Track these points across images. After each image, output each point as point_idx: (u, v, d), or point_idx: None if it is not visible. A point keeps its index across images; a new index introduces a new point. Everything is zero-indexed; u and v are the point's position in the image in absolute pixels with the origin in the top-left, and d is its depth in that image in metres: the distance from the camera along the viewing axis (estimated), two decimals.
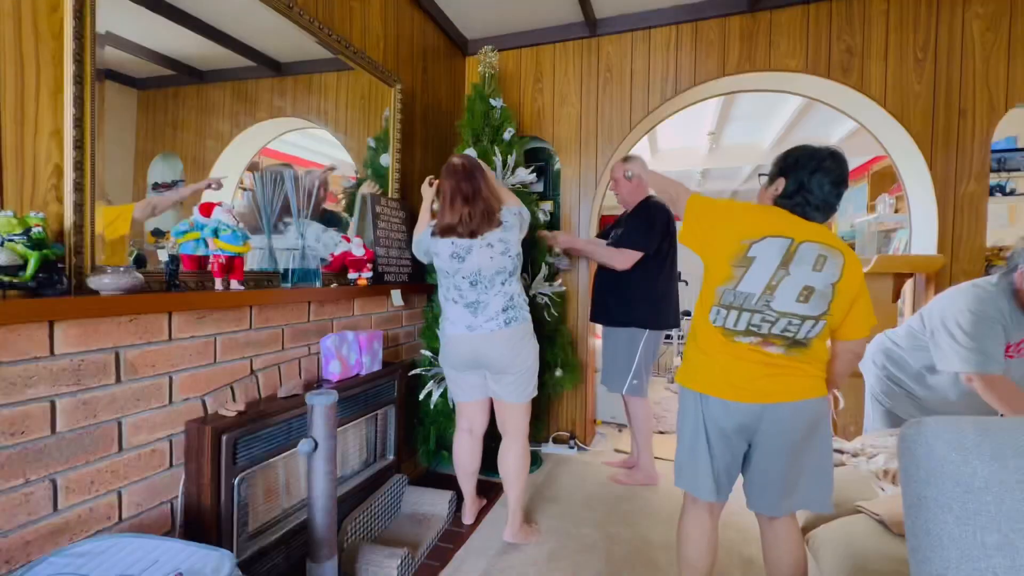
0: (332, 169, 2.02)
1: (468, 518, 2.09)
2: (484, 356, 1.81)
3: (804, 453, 1.27)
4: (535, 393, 1.92)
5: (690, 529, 1.41)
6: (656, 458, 2.72)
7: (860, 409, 2.31)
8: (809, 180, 1.26)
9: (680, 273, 6.71)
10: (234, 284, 1.40)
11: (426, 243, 1.89)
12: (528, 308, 1.90)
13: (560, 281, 2.86)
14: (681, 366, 1.43)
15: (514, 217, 1.83)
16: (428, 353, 2.37)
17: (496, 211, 1.82)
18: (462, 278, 1.81)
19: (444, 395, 2.27)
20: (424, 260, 1.97)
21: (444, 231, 1.82)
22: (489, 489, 2.37)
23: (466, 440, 2.00)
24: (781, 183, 1.31)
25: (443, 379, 2.27)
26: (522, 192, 2.51)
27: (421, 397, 2.27)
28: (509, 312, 1.80)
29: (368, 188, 2.17)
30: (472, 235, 1.79)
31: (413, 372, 2.31)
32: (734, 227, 1.28)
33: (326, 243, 1.89)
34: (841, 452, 1.85)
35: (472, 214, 1.78)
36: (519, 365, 1.82)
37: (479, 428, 2.00)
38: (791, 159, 1.31)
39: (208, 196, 1.45)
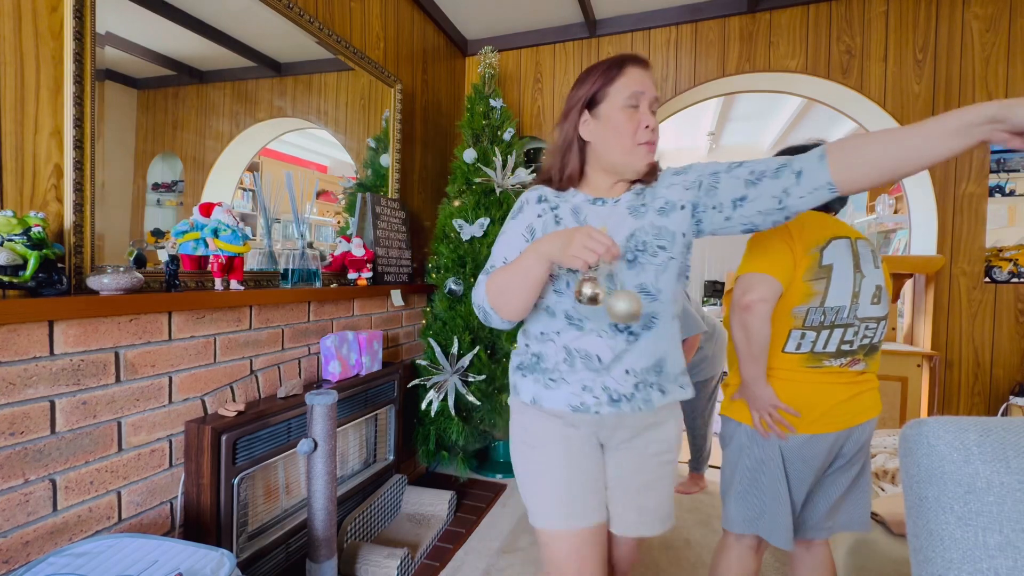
0: None
1: None
2: None
3: (861, 471, 1.21)
4: None
5: (733, 570, 1.23)
6: None
7: None
8: None
9: None
10: (234, 284, 1.40)
11: None
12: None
13: None
14: (733, 399, 1.24)
15: None
16: (424, 363, 2.34)
17: None
18: None
19: (444, 400, 2.26)
20: None
21: None
22: (490, 489, 2.37)
23: None
24: None
25: (442, 387, 2.23)
26: (522, 193, 2.51)
27: (423, 407, 2.23)
28: None
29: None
30: None
31: (412, 384, 2.29)
32: (796, 238, 1.13)
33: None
34: None
35: None
36: None
37: None
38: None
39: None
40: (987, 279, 2.33)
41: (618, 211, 0.99)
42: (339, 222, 2.15)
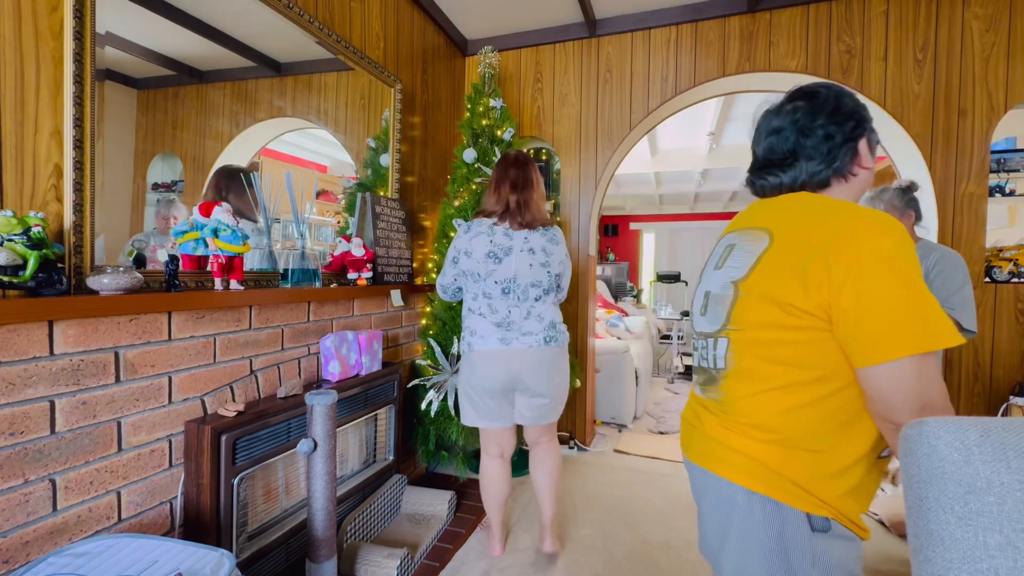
0: None
1: (498, 550, 1.88)
2: (519, 375, 1.65)
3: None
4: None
5: None
6: (654, 457, 2.72)
7: None
8: (754, 143, 0.94)
9: (680, 273, 6.68)
10: (234, 284, 1.39)
11: (460, 245, 1.72)
12: (568, 335, 1.77)
13: None
14: None
15: (562, 237, 1.76)
16: (425, 363, 2.33)
17: (544, 211, 1.73)
18: (494, 283, 1.65)
19: (444, 400, 2.26)
20: (450, 289, 1.83)
21: (485, 215, 1.71)
22: None
23: (497, 466, 1.80)
24: None
25: (442, 387, 2.24)
26: None
27: (423, 407, 2.23)
28: (550, 333, 1.67)
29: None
30: (521, 227, 1.66)
31: (412, 384, 2.29)
32: None
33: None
34: None
35: (520, 203, 1.66)
36: (555, 389, 1.70)
37: (509, 451, 1.82)
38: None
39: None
40: (987, 279, 2.33)
41: None
42: (339, 222, 2.15)
